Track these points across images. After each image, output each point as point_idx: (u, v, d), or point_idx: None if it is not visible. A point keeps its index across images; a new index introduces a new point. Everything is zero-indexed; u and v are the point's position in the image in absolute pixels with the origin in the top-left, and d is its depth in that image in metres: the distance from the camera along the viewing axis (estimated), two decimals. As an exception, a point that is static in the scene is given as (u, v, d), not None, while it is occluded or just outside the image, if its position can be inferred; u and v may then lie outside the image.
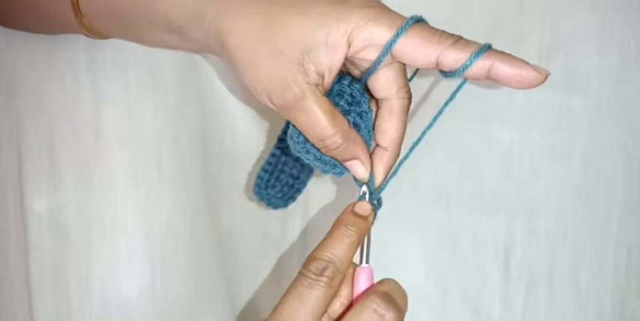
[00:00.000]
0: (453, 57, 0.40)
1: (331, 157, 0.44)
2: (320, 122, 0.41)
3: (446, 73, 0.41)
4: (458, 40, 0.40)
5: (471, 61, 0.39)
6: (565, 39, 0.58)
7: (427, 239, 0.59)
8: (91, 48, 0.52)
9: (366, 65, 0.42)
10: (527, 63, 0.40)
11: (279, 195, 0.55)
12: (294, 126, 0.43)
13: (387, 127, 0.43)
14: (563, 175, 0.59)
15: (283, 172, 0.53)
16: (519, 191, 0.59)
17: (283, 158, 0.53)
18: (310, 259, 0.41)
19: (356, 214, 0.43)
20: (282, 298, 0.41)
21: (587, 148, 0.59)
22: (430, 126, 0.43)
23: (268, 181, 0.54)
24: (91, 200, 0.52)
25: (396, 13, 0.41)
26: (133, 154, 0.53)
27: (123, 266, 0.52)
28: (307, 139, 0.43)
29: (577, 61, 0.58)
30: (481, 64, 0.40)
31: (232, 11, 0.41)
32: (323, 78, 0.41)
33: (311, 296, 0.40)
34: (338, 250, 0.41)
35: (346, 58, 0.41)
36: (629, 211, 0.59)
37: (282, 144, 0.50)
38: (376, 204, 0.44)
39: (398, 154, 0.44)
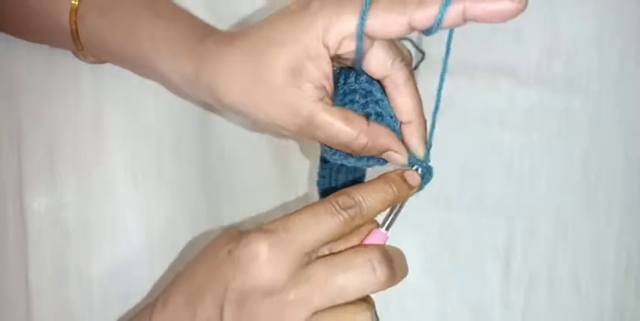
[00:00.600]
0: (423, 17, 0.38)
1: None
2: (339, 131, 0.41)
3: (425, 31, 0.40)
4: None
5: (442, 15, 0.38)
6: (565, 40, 0.58)
7: (428, 240, 0.59)
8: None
9: (352, 55, 0.42)
10: None
11: None
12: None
13: (401, 102, 0.43)
14: (563, 175, 0.59)
15: (338, 177, 0.52)
16: (520, 192, 0.59)
17: (333, 169, 0.52)
18: (341, 193, 0.40)
19: (403, 179, 0.42)
20: (296, 211, 0.40)
21: (587, 148, 0.59)
22: (440, 88, 0.42)
23: (327, 189, 0.52)
24: (91, 200, 0.52)
25: (356, 2, 0.40)
26: (133, 153, 0.53)
27: (123, 266, 0.52)
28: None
29: (577, 62, 0.58)
30: (454, 13, 0.37)
31: (219, 67, 0.42)
32: (324, 88, 0.41)
33: (327, 221, 0.39)
34: (370, 198, 0.40)
35: (332, 59, 0.41)
36: (629, 212, 0.59)
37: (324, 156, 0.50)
38: (427, 175, 0.44)
39: (425, 122, 0.44)
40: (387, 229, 0.43)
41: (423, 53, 0.57)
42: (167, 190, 0.54)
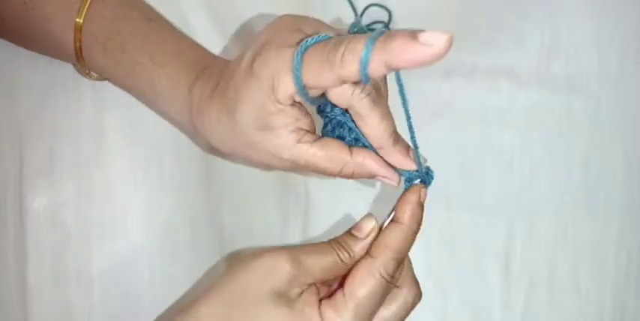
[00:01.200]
0: (349, 73, 0.37)
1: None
2: (323, 168, 0.42)
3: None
4: (342, 54, 0.37)
5: (363, 71, 0.36)
6: (565, 40, 0.58)
7: (427, 240, 0.59)
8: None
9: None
10: (414, 40, 0.34)
11: None
12: None
13: (368, 131, 0.42)
14: (563, 176, 0.59)
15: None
16: (520, 192, 0.59)
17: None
18: (391, 260, 0.42)
19: (421, 207, 0.43)
20: (358, 296, 0.41)
21: (587, 149, 0.59)
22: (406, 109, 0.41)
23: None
24: (91, 200, 0.52)
25: (284, 47, 0.40)
26: (133, 153, 0.53)
27: (122, 266, 0.52)
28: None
29: (577, 63, 0.58)
30: (376, 67, 0.36)
31: (207, 120, 0.44)
32: (300, 128, 0.41)
33: (384, 293, 0.42)
34: (404, 247, 0.42)
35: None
36: (629, 212, 0.59)
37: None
38: (429, 179, 0.44)
39: (399, 139, 0.43)
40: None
41: (390, 12, 0.54)
42: (167, 190, 0.54)
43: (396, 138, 0.43)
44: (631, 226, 0.59)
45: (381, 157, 0.43)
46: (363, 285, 0.41)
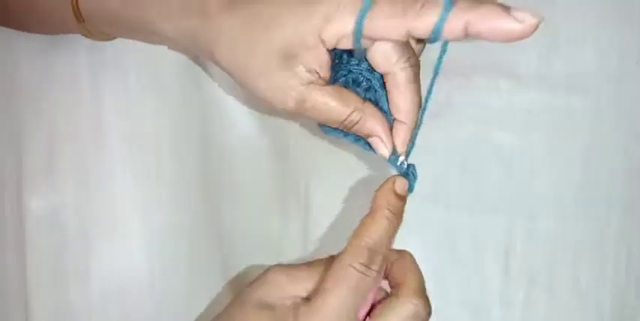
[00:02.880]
0: (422, 26, 0.36)
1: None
2: (332, 109, 0.41)
3: (427, 40, 0.38)
4: (423, 4, 0.36)
5: (440, 26, 0.36)
6: (565, 40, 0.58)
7: (427, 240, 0.59)
8: (91, 48, 0.52)
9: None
10: (506, 12, 0.35)
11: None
12: None
13: (397, 101, 0.41)
14: (563, 175, 0.59)
15: None
16: (519, 192, 0.59)
17: None
18: (356, 251, 0.40)
19: (397, 195, 0.42)
20: (330, 291, 0.40)
21: (587, 148, 0.59)
22: (429, 91, 0.42)
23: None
24: (90, 199, 0.52)
25: None
26: (132, 153, 0.53)
27: (122, 266, 0.52)
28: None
29: (577, 62, 0.58)
30: (454, 26, 0.36)
31: (219, 33, 0.41)
32: (317, 73, 0.41)
33: (365, 287, 0.40)
34: (380, 239, 0.41)
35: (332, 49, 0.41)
36: (629, 211, 0.59)
37: None
38: (412, 176, 0.43)
39: (415, 125, 0.43)
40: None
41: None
42: (167, 190, 0.54)
43: (417, 120, 0.42)
44: (631, 226, 0.59)
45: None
46: (332, 277, 0.40)
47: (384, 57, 0.40)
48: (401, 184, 0.42)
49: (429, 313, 0.42)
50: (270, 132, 0.59)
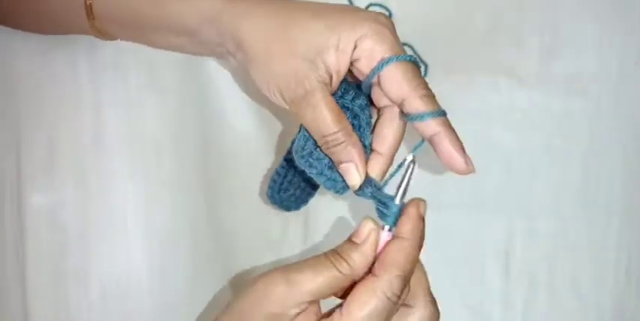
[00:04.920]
0: (415, 106, 0.42)
1: (330, 158, 0.44)
2: (326, 118, 0.42)
3: (405, 115, 0.42)
4: (427, 94, 0.42)
5: (422, 117, 0.41)
6: (565, 41, 0.58)
7: (427, 240, 0.58)
8: (91, 48, 0.52)
9: (357, 74, 0.44)
10: (463, 150, 0.43)
11: (292, 198, 0.55)
12: (299, 141, 0.45)
13: (387, 133, 0.44)
14: (562, 176, 0.59)
15: (295, 176, 0.53)
16: (519, 193, 0.59)
17: (293, 169, 0.53)
18: (396, 278, 0.39)
19: (422, 220, 0.42)
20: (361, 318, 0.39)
21: (587, 149, 0.59)
22: (414, 149, 0.43)
23: (281, 184, 0.54)
24: (90, 199, 0.52)
25: (398, 38, 0.43)
26: (132, 153, 0.53)
27: (122, 266, 0.52)
28: (311, 154, 0.44)
29: (576, 63, 0.58)
30: (430, 127, 0.42)
31: (249, 12, 0.43)
32: (331, 78, 0.42)
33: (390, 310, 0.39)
34: (412, 265, 0.40)
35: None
36: (629, 212, 0.59)
37: (290, 155, 0.51)
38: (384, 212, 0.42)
39: (391, 161, 0.44)
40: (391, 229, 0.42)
41: (426, 65, 0.58)
42: (166, 190, 0.54)
43: (394, 154, 0.45)
44: (631, 226, 0.59)
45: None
46: (362, 305, 0.38)
47: (398, 86, 0.42)
48: (424, 207, 0.42)
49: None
50: (269, 132, 0.59)
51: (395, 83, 0.42)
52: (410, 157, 0.42)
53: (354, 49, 0.42)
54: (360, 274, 0.40)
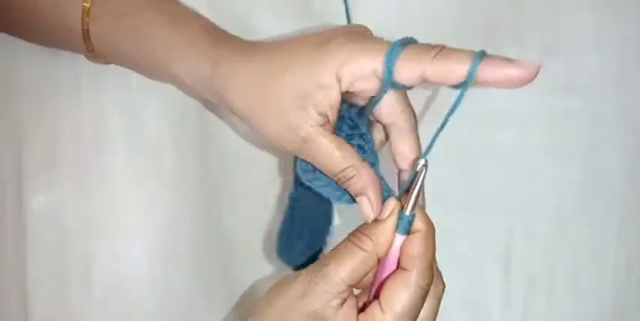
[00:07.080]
0: (437, 72, 0.41)
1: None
2: (331, 158, 0.43)
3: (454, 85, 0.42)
4: (439, 51, 0.41)
5: (471, 73, 0.41)
6: (565, 40, 0.58)
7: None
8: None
9: (363, 94, 0.44)
10: (510, 61, 0.40)
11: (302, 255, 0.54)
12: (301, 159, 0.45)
13: (403, 149, 0.45)
14: (563, 176, 0.59)
15: (303, 224, 0.53)
16: (519, 192, 0.59)
17: (298, 221, 0.52)
18: (428, 269, 0.42)
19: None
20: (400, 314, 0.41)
21: (587, 149, 0.59)
22: (434, 138, 0.43)
23: (288, 239, 0.53)
24: (90, 199, 0.52)
25: (378, 40, 0.42)
26: (133, 153, 0.53)
27: (122, 265, 0.52)
28: (316, 168, 0.44)
29: (577, 62, 0.58)
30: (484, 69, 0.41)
31: (233, 73, 0.44)
32: (327, 116, 0.43)
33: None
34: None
35: (343, 94, 0.43)
36: (629, 211, 0.59)
37: (293, 202, 0.51)
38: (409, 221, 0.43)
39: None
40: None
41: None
42: (167, 189, 0.54)
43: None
44: (631, 226, 0.59)
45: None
46: (401, 299, 0.41)
47: (392, 108, 0.43)
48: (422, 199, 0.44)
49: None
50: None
51: (401, 73, 0.41)
52: (422, 162, 0.42)
53: (340, 80, 0.41)
54: (383, 252, 0.42)
